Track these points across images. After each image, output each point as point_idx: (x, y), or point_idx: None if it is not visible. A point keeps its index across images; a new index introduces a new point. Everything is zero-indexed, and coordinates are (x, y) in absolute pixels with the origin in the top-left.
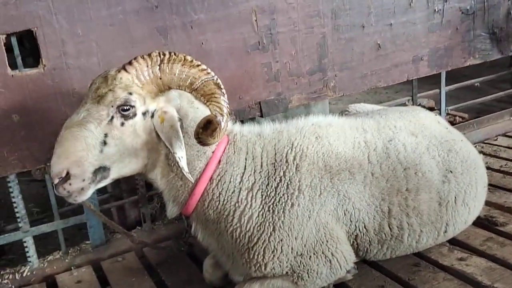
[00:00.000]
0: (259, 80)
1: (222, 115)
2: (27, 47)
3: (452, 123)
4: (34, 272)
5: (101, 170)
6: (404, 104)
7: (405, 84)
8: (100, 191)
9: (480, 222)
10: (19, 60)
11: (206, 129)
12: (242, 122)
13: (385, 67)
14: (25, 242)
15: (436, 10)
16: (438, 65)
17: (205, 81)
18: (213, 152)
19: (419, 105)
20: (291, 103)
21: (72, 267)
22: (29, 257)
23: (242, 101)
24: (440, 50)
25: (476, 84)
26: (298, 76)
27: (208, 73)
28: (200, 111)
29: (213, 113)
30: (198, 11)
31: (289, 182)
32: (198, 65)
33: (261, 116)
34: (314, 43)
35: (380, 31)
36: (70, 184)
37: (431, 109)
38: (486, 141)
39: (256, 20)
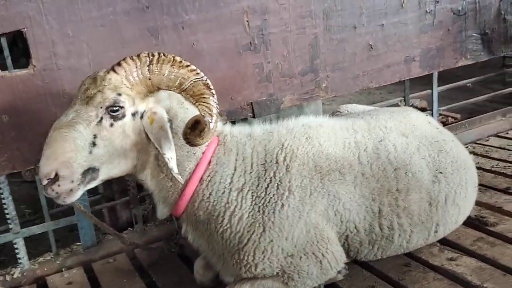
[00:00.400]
0: (251, 80)
1: (211, 115)
2: (20, 47)
3: (444, 124)
4: (24, 274)
5: (90, 171)
6: (396, 105)
7: (398, 85)
8: (91, 192)
9: (470, 222)
10: (9, 61)
11: (194, 130)
12: (234, 122)
13: (377, 67)
14: (15, 243)
15: (428, 11)
16: (430, 65)
17: (194, 82)
18: (203, 153)
19: (412, 105)
20: (283, 103)
21: (63, 269)
22: (19, 258)
23: (234, 102)
24: (432, 51)
25: (468, 85)
26: (290, 76)
27: (198, 73)
28: (189, 112)
29: (201, 114)
30: (189, 11)
31: (279, 183)
32: (187, 66)
33: (253, 116)
34: (306, 44)
35: (372, 32)
36: (58, 185)
37: (423, 109)
38: (478, 142)
39: (247, 21)
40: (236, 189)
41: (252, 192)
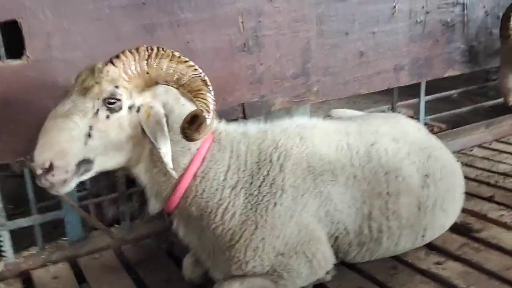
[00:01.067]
0: (243, 82)
1: (208, 111)
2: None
3: (430, 132)
4: (9, 267)
5: (84, 163)
6: (384, 112)
7: (383, 95)
8: (78, 188)
9: (456, 228)
10: (2, 51)
11: (192, 124)
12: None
13: (367, 74)
14: (0, 236)
15: (418, 21)
16: (418, 74)
17: (192, 77)
18: (197, 149)
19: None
20: (274, 106)
21: (49, 263)
22: (4, 252)
23: (226, 102)
24: (421, 60)
25: (454, 95)
26: (282, 79)
27: (196, 69)
28: (186, 108)
29: (199, 109)
30: (185, 10)
31: (272, 182)
32: (185, 61)
33: (244, 117)
34: (298, 48)
35: (363, 39)
36: (53, 175)
37: (412, 116)
38: (462, 151)
39: (242, 22)
40: (229, 186)
41: (245, 190)
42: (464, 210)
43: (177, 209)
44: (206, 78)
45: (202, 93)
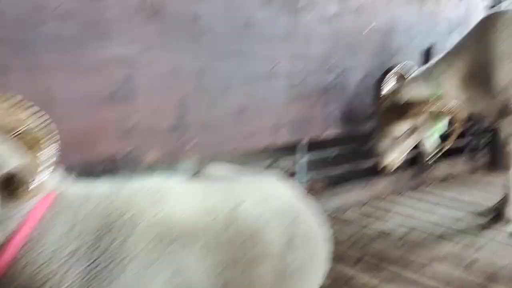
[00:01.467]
0: (111, 133)
1: (36, 169)
2: None
3: (309, 191)
4: None
5: None
6: (264, 170)
7: (267, 151)
8: None
9: None
10: None
11: (14, 183)
12: (89, 178)
13: (247, 131)
14: None
15: (297, 82)
16: (297, 133)
17: (29, 129)
18: (30, 211)
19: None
20: (145, 161)
21: None
22: None
23: (90, 155)
24: (300, 120)
25: (333, 155)
26: (156, 133)
27: (34, 120)
28: (19, 163)
29: (27, 166)
30: (46, 52)
31: (119, 248)
32: (25, 109)
33: (111, 173)
34: (175, 101)
35: (243, 96)
36: None
37: (291, 175)
38: (338, 210)
39: (113, 70)
40: (67, 254)
41: (86, 258)
42: (330, 273)
43: (3, 280)
44: (47, 130)
45: (35, 148)
